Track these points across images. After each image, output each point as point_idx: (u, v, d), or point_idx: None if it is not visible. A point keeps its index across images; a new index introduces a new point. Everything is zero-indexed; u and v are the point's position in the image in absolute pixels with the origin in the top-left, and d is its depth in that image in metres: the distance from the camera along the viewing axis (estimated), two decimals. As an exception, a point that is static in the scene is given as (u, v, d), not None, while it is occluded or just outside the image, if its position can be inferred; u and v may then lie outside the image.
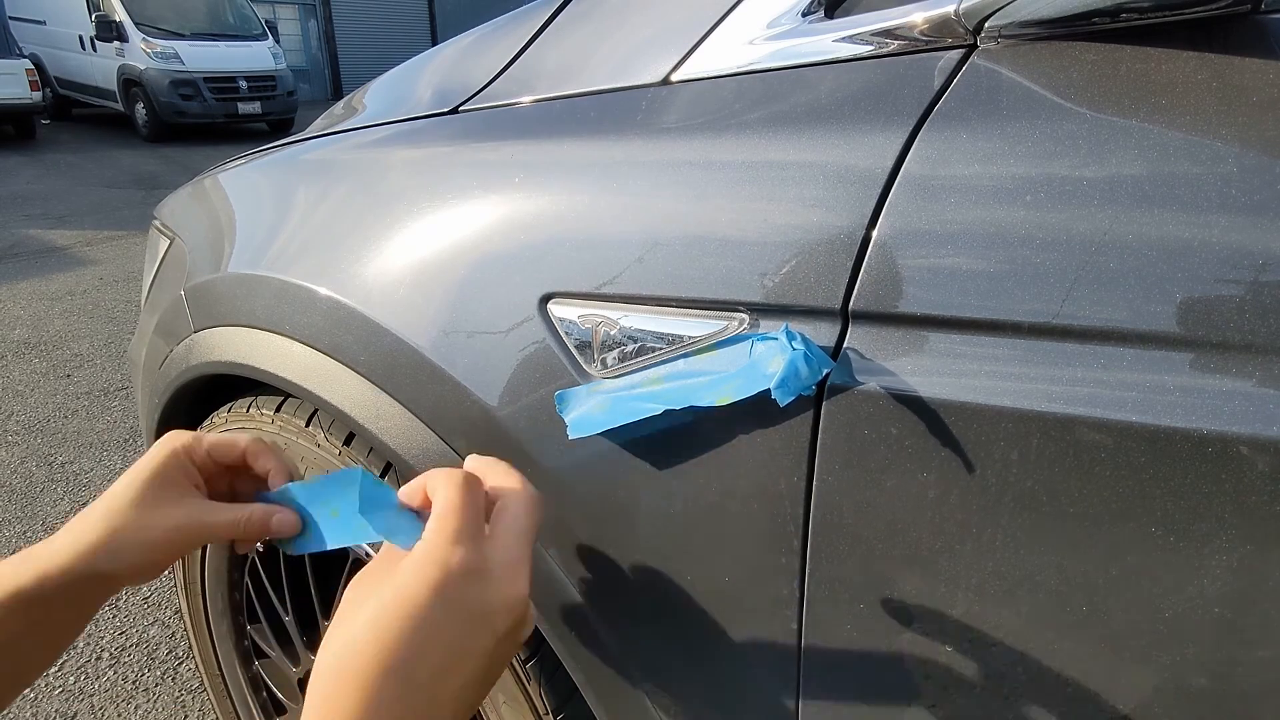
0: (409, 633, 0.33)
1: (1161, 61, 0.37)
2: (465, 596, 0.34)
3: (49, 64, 10.21)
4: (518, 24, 0.71)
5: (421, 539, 0.36)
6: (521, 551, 0.37)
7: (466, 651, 0.34)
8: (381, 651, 0.33)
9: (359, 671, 0.33)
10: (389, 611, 0.34)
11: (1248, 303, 0.31)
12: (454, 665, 0.34)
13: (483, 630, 0.34)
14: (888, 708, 0.43)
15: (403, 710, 0.32)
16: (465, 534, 0.36)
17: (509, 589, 0.35)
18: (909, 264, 0.39)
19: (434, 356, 0.59)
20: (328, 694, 0.33)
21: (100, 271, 4.10)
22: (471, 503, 0.37)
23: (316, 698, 0.33)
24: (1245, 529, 0.31)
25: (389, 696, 0.32)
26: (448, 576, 0.34)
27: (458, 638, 0.34)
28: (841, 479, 0.41)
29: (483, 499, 0.39)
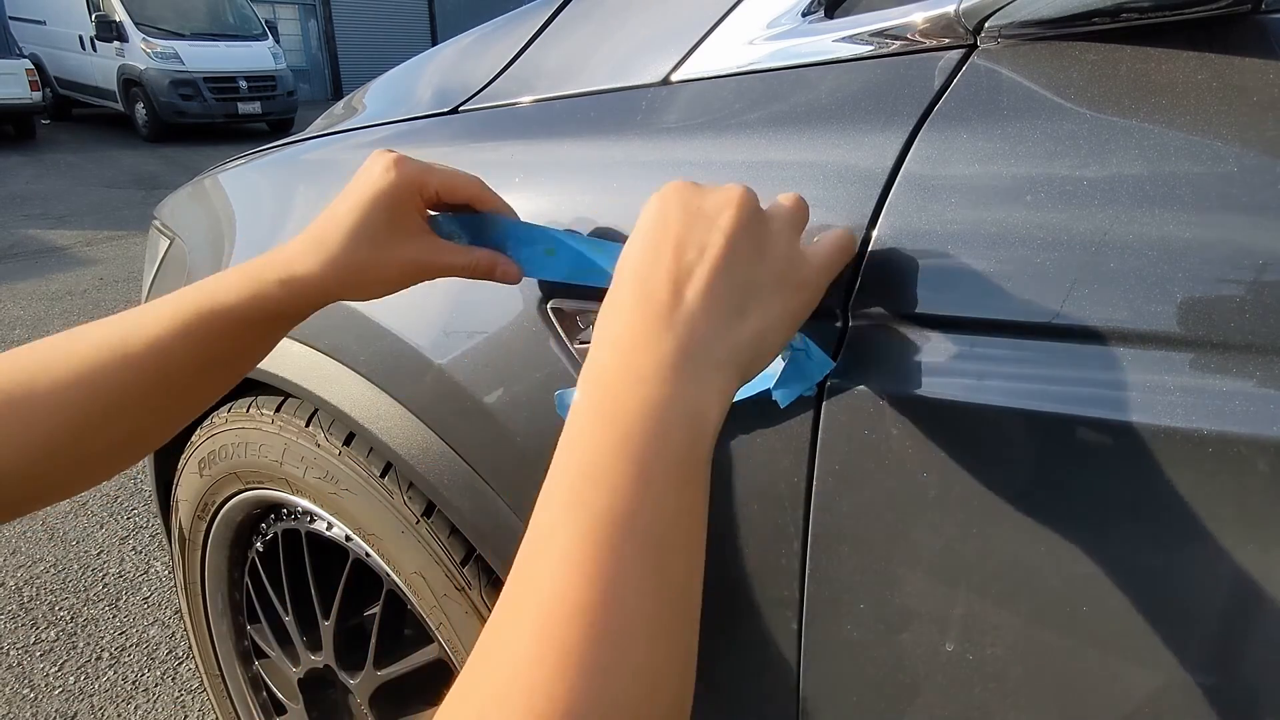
0: (642, 244, 0.35)
1: (1161, 61, 0.37)
2: (686, 200, 0.36)
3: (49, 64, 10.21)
4: (518, 24, 0.71)
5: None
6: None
7: (696, 246, 0.34)
8: (624, 268, 0.35)
9: (609, 304, 0.35)
10: (630, 243, 0.36)
11: (1248, 303, 0.31)
12: (688, 263, 0.34)
13: (707, 227, 0.35)
14: (888, 708, 0.43)
15: (647, 310, 0.33)
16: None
17: (724, 191, 0.37)
18: (909, 264, 0.39)
19: (434, 356, 0.59)
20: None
21: (100, 271, 4.10)
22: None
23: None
24: (1245, 529, 0.31)
25: (633, 299, 0.34)
26: (667, 195, 0.37)
27: (686, 235, 0.35)
28: (841, 479, 0.41)
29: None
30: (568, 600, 0.26)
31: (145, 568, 1.81)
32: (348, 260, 0.43)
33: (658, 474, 0.29)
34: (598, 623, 0.26)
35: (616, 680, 0.25)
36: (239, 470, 0.84)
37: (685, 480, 0.30)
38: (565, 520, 0.28)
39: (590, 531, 0.27)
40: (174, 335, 0.42)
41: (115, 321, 0.42)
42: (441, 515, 0.65)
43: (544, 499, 0.29)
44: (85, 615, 1.66)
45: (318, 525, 0.81)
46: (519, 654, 0.25)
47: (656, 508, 0.28)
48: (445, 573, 0.65)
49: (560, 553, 0.27)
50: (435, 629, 0.69)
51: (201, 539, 0.95)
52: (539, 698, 0.24)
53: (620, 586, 0.26)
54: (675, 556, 0.28)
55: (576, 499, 0.28)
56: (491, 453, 0.58)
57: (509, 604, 0.27)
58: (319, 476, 0.73)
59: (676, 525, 0.29)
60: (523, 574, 0.28)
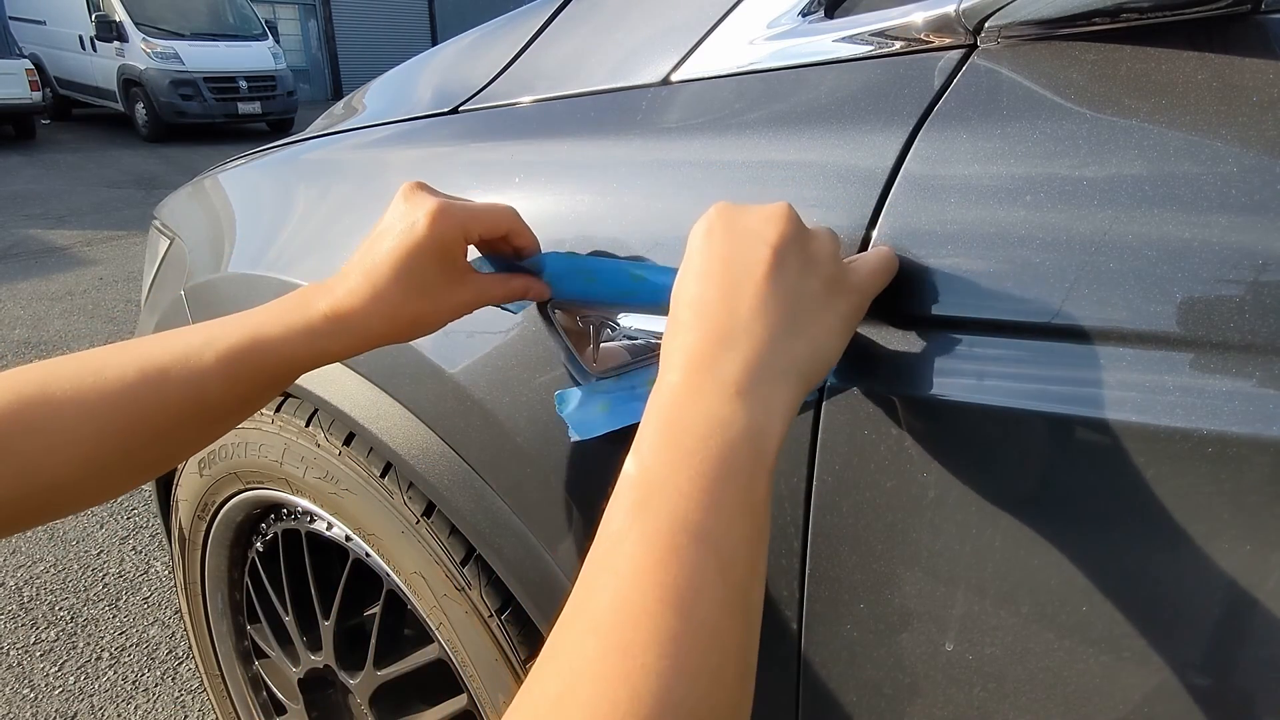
0: (693, 268, 0.36)
1: (1161, 61, 0.37)
2: (731, 221, 0.37)
3: (49, 64, 10.21)
4: (518, 24, 0.71)
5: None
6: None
7: (745, 263, 0.35)
8: (679, 294, 0.36)
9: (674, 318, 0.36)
10: (682, 272, 0.37)
11: (1248, 303, 0.31)
12: (737, 279, 0.35)
13: (753, 243, 0.36)
14: (888, 708, 0.43)
15: (705, 331, 0.34)
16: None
17: (767, 208, 0.38)
18: (909, 264, 0.39)
19: (434, 356, 0.59)
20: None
21: (100, 271, 4.10)
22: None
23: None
24: (1245, 529, 0.31)
25: (691, 321, 0.35)
26: (711, 218, 0.38)
27: (733, 253, 0.36)
28: (841, 479, 0.41)
29: None
30: (633, 604, 0.26)
31: (145, 568, 1.81)
32: (403, 310, 0.45)
33: (724, 487, 0.29)
34: (661, 627, 0.26)
35: (679, 684, 0.25)
36: (239, 470, 0.84)
37: (749, 492, 0.30)
38: (632, 526, 0.28)
39: (656, 536, 0.28)
40: (215, 377, 0.42)
41: (149, 356, 0.42)
42: (441, 515, 0.65)
43: (610, 511, 0.30)
44: (85, 615, 1.66)
45: (318, 525, 0.80)
46: (582, 657, 0.26)
47: (721, 517, 0.29)
48: (445, 573, 0.65)
49: (626, 558, 0.28)
50: (435, 629, 0.69)
51: (201, 539, 0.95)
52: (603, 701, 0.24)
53: (684, 591, 0.27)
54: (740, 565, 0.29)
55: (644, 507, 0.29)
56: (491, 453, 0.58)
57: (576, 607, 0.28)
58: (319, 476, 0.73)
59: (741, 535, 0.29)
60: (589, 578, 0.28)
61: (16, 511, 0.39)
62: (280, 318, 0.44)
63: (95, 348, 0.43)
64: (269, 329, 0.43)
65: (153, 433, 0.42)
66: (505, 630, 0.63)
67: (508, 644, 0.63)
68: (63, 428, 0.39)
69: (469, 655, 0.66)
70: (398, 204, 0.46)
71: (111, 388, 0.40)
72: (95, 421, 0.40)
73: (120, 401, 0.40)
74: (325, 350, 0.44)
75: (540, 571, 0.57)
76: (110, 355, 0.42)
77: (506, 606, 0.63)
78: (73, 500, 0.42)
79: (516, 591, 0.61)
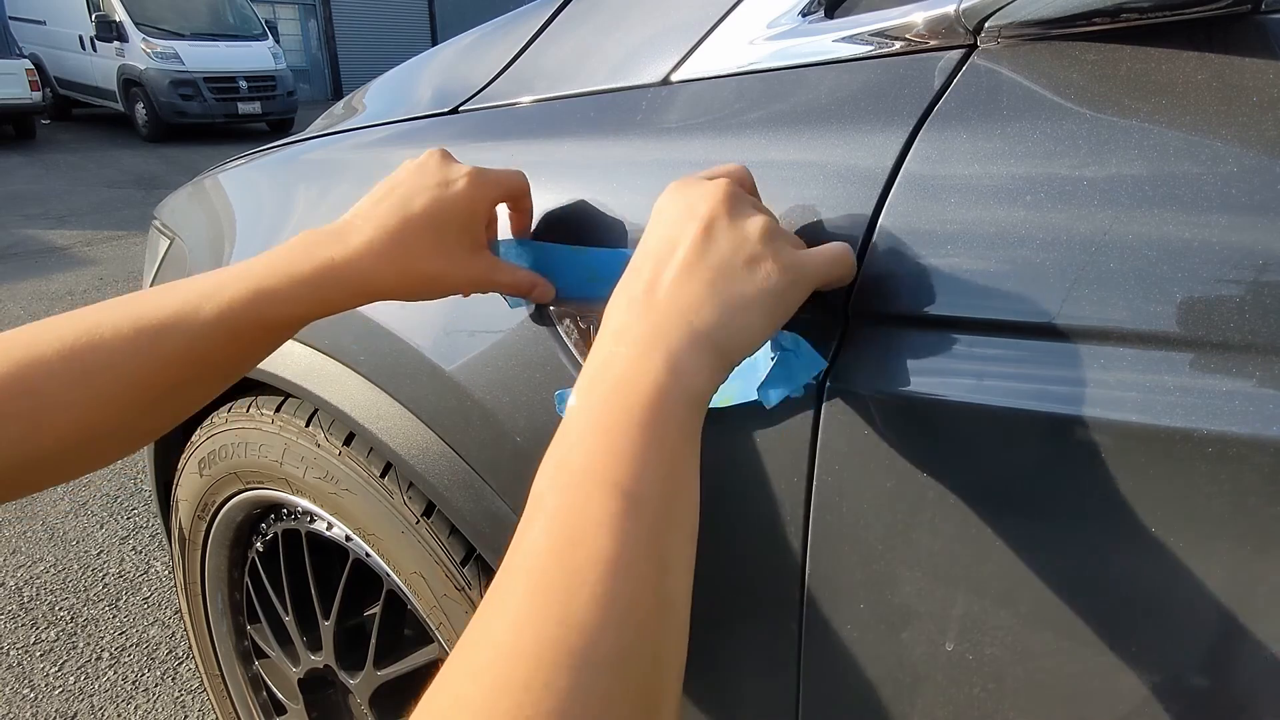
0: (640, 247, 0.39)
1: (1161, 61, 0.37)
2: (676, 196, 0.40)
3: (49, 64, 10.21)
4: (518, 24, 0.71)
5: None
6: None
7: (675, 237, 0.38)
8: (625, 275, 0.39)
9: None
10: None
11: (1248, 303, 0.31)
12: (666, 253, 0.37)
13: (688, 217, 0.38)
14: (888, 708, 0.43)
15: (632, 298, 0.37)
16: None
17: (708, 184, 0.39)
18: (909, 264, 0.39)
19: (434, 356, 0.59)
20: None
21: (100, 271, 4.10)
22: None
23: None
24: (1245, 529, 0.31)
25: (623, 291, 0.37)
26: (666, 194, 0.40)
27: (669, 228, 0.38)
28: (841, 479, 0.41)
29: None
30: (549, 549, 0.29)
31: (145, 568, 1.81)
32: (421, 268, 0.45)
33: (630, 437, 0.32)
34: (569, 566, 0.28)
35: (591, 614, 0.27)
36: (239, 470, 0.84)
37: (658, 441, 0.32)
38: (554, 482, 0.31)
39: (569, 489, 0.31)
40: (218, 333, 0.41)
41: (150, 308, 0.41)
42: (441, 515, 0.65)
43: (540, 468, 0.33)
44: (85, 615, 1.66)
45: (318, 525, 0.80)
46: (515, 598, 0.28)
47: (626, 465, 0.31)
48: (445, 573, 0.65)
49: (548, 512, 0.30)
50: (435, 629, 0.69)
51: (201, 539, 0.95)
52: (532, 637, 0.26)
53: (590, 532, 0.29)
54: (650, 508, 0.31)
55: (563, 464, 0.32)
56: (491, 453, 0.58)
57: (509, 558, 0.30)
58: (319, 476, 0.73)
59: (652, 481, 0.31)
60: (520, 532, 0.31)
61: (23, 474, 0.38)
62: (283, 268, 0.43)
63: (87, 306, 0.41)
64: (270, 280, 0.42)
65: (152, 392, 0.41)
66: (505, 630, 0.63)
67: (508, 644, 0.63)
68: (57, 388, 0.38)
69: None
70: (427, 165, 0.47)
71: (108, 345, 0.39)
72: (92, 381, 0.39)
73: (116, 360, 0.39)
74: (328, 300, 0.43)
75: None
76: (104, 313, 0.41)
77: (506, 606, 0.63)
78: (83, 459, 0.41)
79: (516, 591, 0.61)
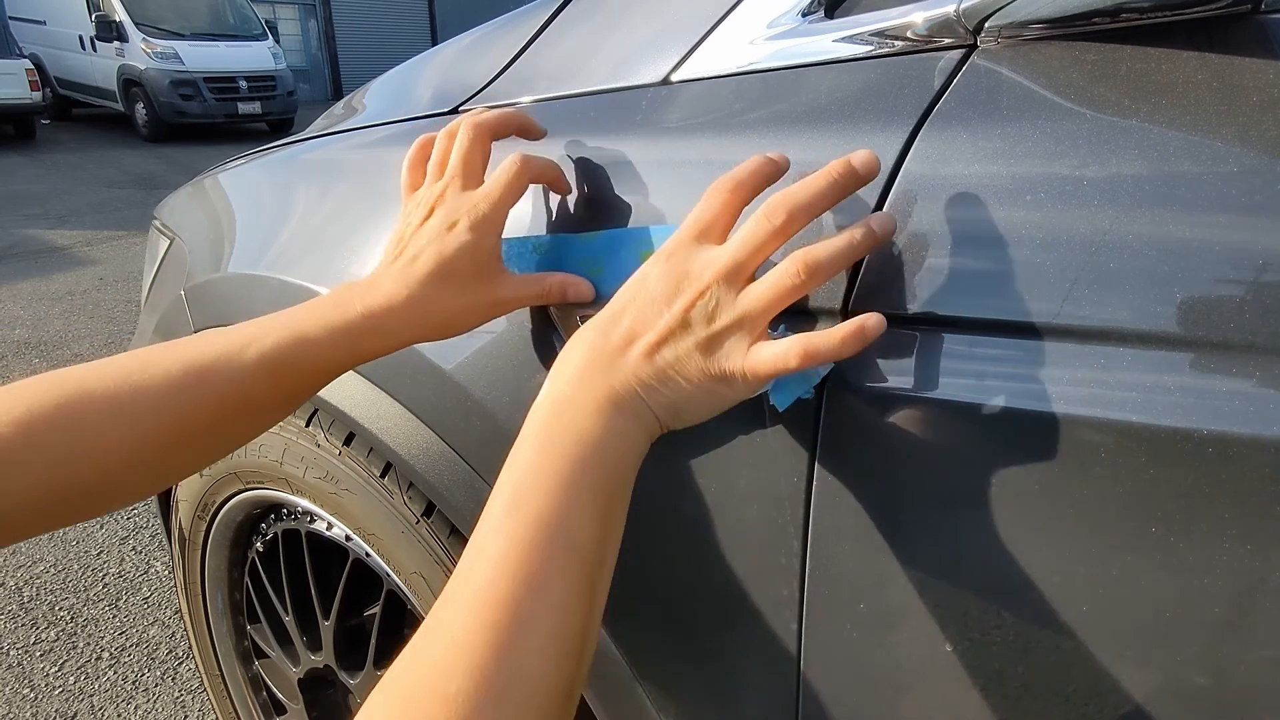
0: (631, 282, 0.41)
1: (1161, 61, 0.37)
2: (676, 258, 0.41)
3: (49, 64, 10.20)
4: (518, 24, 0.71)
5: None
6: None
7: (656, 310, 0.40)
8: (611, 303, 0.41)
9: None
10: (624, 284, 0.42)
11: (1248, 303, 0.31)
12: (647, 321, 0.40)
13: (674, 294, 0.40)
14: (888, 708, 0.43)
15: (598, 353, 0.39)
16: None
17: (712, 256, 0.40)
18: (909, 264, 0.39)
19: (433, 356, 0.59)
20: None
21: (100, 271, 4.10)
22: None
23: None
24: (1245, 529, 0.31)
25: (593, 339, 0.40)
26: (671, 245, 0.41)
27: (656, 294, 0.40)
28: (841, 479, 0.41)
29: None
30: (500, 588, 0.32)
31: (145, 568, 1.81)
32: (438, 312, 0.46)
33: (577, 490, 0.35)
34: (523, 608, 0.32)
35: (536, 656, 0.31)
36: (239, 470, 0.84)
37: (599, 493, 0.36)
38: (505, 522, 0.34)
39: (522, 530, 0.34)
40: (255, 381, 0.43)
41: (197, 352, 0.43)
42: (441, 515, 0.65)
43: (490, 504, 0.35)
44: (85, 615, 1.66)
45: (318, 525, 0.81)
46: (456, 630, 0.31)
47: (574, 514, 0.35)
48: (445, 573, 0.65)
49: (499, 549, 0.33)
50: (435, 629, 0.69)
51: (201, 539, 0.95)
52: (475, 669, 0.30)
53: (544, 581, 0.33)
54: (589, 552, 0.35)
55: (515, 506, 0.35)
56: (491, 453, 0.58)
57: (456, 586, 0.33)
58: (319, 476, 0.73)
59: (591, 529, 0.35)
60: (468, 563, 0.34)
61: (47, 507, 0.39)
62: (321, 318, 0.45)
63: (140, 349, 0.44)
64: (309, 328, 0.44)
65: (192, 432, 0.43)
66: (505, 630, 0.63)
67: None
68: (102, 426, 0.40)
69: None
70: (433, 206, 0.48)
71: (154, 384, 0.42)
72: (137, 423, 0.41)
73: (161, 399, 0.41)
74: (362, 349, 0.46)
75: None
76: (154, 354, 0.43)
77: (506, 606, 0.63)
78: (111, 498, 0.42)
79: (516, 591, 0.61)
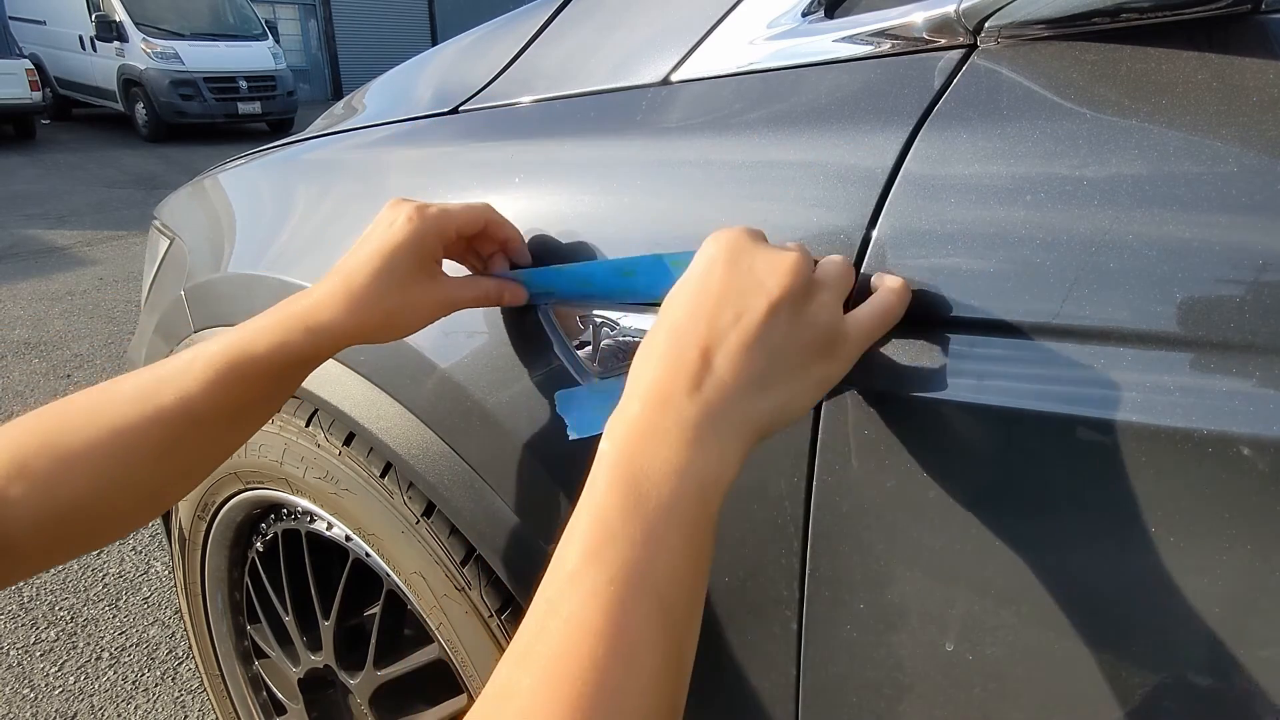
0: (686, 294, 0.36)
1: (1161, 61, 0.37)
2: (740, 256, 0.36)
3: (49, 64, 10.20)
4: (518, 24, 0.71)
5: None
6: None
7: (736, 310, 0.35)
8: (665, 316, 0.36)
9: (645, 343, 0.36)
10: (674, 291, 0.37)
11: (1248, 303, 0.31)
12: (724, 325, 0.35)
13: (753, 291, 0.35)
14: (888, 708, 0.43)
15: (676, 370, 0.34)
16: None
17: (779, 256, 0.36)
18: (909, 264, 0.39)
19: (433, 356, 0.59)
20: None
21: (100, 271, 4.10)
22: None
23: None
24: (1245, 529, 0.31)
25: (666, 355, 0.35)
26: (723, 245, 0.37)
27: (729, 294, 0.35)
28: (841, 479, 0.41)
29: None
30: (582, 653, 0.28)
31: (145, 568, 1.81)
32: (376, 308, 0.46)
33: (670, 535, 0.31)
34: (608, 679, 0.27)
35: None
36: (239, 470, 0.84)
37: (694, 539, 0.31)
38: (585, 572, 0.30)
39: (608, 586, 0.29)
40: (203, 386, 0.44)
41: (145, 376, 0.44)
42: (441, 515, 0.65)
43: (564, 548, 0.31)
44: (85, 615, 1.66)
45: (318, 525, 0.80)
46: (528, 700, 0.27)
47: (667, 566, 0.30)
48: (445, 573, 0.65)
49: (578, 604, 0.29)
50: (435, 629, 0.69)
51: (201, 539, 0.95)
52: None
53: (630, 643, 0.28)
54: (680, 611, 0.30)
55: (597, 555, 0.30)
56: (491, 452, 0.58)
57: (526, 645, 0.29)
58: (319, 476, 0.73)
59: (682, 582, 0.31)
60: (540, 618, 0.30)
61: (53, 530, 0.41)
62: (260, 323, 0.46)
63: (108, 380, 0.45)
64: (247, 333, 0.45)
65: (152, 453, 0.43)
66: (505, 630, 0.63)
67: (508, 644, 0.63)
68: (76, 446, 0.41)
69: (469, 655, 0.66)
70: (382, 213, 0.48)
71: (118, 409, 0.43)
72: (106, 443, 0.42)
73: (123, 421, 0.43)
74: (300, 350, 0.46)
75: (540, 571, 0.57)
76: (122, 380, 0.44)
77: (506, 606, 0.63)
78: (101, 527, 0.44)
79: (516, 591, 0.61)
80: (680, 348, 0.34)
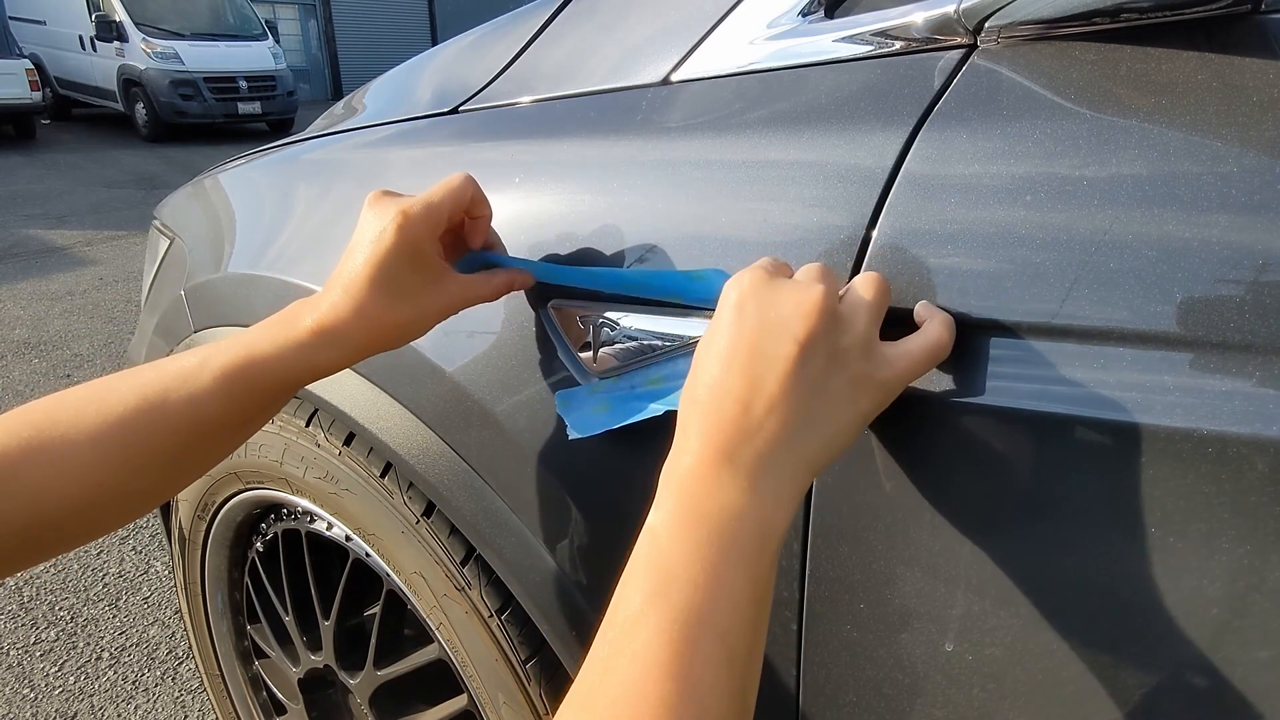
0: (717, 348, 0.36)
1: (1161, 61, 0.37)
2: (763, 302, 0.36)
3: (49, 64, 10.20)
4: (518, 24, 0.71)
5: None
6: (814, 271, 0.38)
7: (769, 355, 0.35)
8: (701, 369, 0.36)
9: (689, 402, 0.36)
10: (704, 345, 0.37)
11: (1248, 303, 0.31)
12: (760, 371, 0.35)
13: (781, 334, 0.35)
14: (888, 708, 0.43)
15: (723, 420, 0.34)
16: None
17: (801, 294, 0.36)
18: (909, 264, 0.39)
19: (434, 356, 0.59)
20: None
21: (100, 271, 4.10)
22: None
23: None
24: (1245, 529, 0.31)
25: (711, 406, 0.35)
26: (745, 291, 0.37)
27: (760, 340, 0.35)
28: (841, 479, 0.41)
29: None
30: (650, 695, 0.28)
31: (145, 568, 1.81)
32: (387, 321, 0.45)
33: (735, 577, 0.31)
34: (677, 714, 0.28)
35: None
36: (239, 470, 0.84)
37: (756, 580, 0.32)
38: (649, 613, 0.30)
39: (672, 627, 0.29)
40: (215, 397, 0.43)
41: (152, 375, 0.44)
42: (441, 515, 0.65)
43: (625, 589, 0.32)
44: (85, 615, 1.66)
45: (318, 525, 0.80)
46: None
47: (731, 606, 0.31)
48: (445, 573, 0.65)
49: (642, 645, 0.29)
50: (435, 629, 0.69)
51: (201, 539, 0.95)
52: None
53: (696, 682, 0.29)
54: (743, 649, 0.31)
55: (661, 595, 0.30)
56: (491, 453, 0.58)
57: (590, 688, 0.29)
58: (319, 476, 0.73)
59: (745, 622, 0.31)
60: (604, 659, 0.30)
61: (26, 540, 0.40)
62: (271, 335, 0.45)
63: (103, 377, 0.44)
64: (261, 346, 0.44)
65: (155, 455, 0.43)
66: (505, 630, 0.63)
67: (508, 644, 0.63)
68: (66, 454, 0.41)
69: (469, 655, 0.66)
70: (365, 215, 0.47)
71: (114, 414, 0.42)
72: (99, 447, 0.41)
73: (122, 427, 0.42)
74: (315, 364, 0.45)
75: (540, 571, 0.57)
76: (113, 382, 0.43)
77: (506, 606, 0.63)
78: (83, 528, 0.43)
79: (516, 591, 0.61)
80: (722, 404, 0.35)
